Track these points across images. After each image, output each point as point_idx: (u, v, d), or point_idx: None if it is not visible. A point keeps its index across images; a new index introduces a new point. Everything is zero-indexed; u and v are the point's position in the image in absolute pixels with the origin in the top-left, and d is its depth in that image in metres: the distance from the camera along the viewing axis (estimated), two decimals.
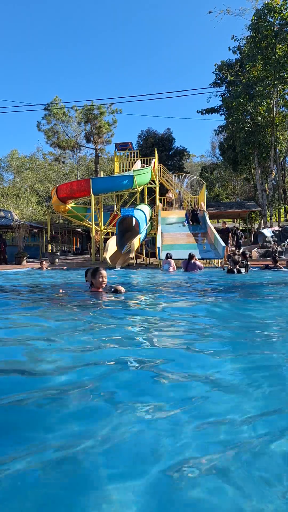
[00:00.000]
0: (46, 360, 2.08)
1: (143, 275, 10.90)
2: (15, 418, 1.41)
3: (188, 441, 1.20)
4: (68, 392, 1.60)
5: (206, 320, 3.55)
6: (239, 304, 4.72)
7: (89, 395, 1.59)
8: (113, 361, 2.06)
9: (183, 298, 5.28)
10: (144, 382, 1.76)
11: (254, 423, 1.33)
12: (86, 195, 17.59)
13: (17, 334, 2.85)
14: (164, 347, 2.48)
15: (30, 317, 3.66)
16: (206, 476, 1.02)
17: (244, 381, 1.76)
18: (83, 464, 1.08)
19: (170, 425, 1.31)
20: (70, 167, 44.36)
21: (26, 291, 6.48)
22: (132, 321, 3.45)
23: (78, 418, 1.38)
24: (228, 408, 1.47)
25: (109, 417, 1.37)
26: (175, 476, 1.03)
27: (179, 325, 3.24)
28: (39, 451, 1.15)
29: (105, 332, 2.92)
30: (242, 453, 1.14)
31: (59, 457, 1.11)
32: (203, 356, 2.21)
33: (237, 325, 3.29)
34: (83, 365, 2.01)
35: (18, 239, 19.39)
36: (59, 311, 3.98)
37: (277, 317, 3.72)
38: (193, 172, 47.72)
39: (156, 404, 1.50)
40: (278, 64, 23.10)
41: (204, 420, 1.36)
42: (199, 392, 1.62)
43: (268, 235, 19.26)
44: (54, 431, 1.27)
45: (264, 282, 7.73)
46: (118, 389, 1.66)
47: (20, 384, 1.77)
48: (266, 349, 2.38)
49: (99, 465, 1.08)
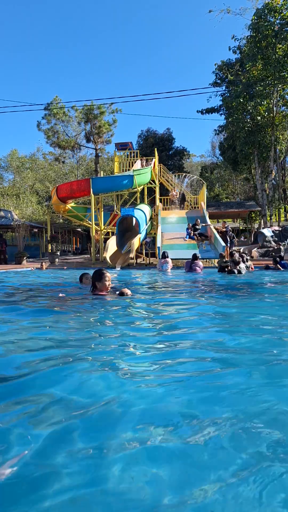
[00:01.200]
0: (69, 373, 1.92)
1: (145, 275, 10.86)
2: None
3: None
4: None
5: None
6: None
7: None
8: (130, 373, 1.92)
9: (197, 301, 5.07)
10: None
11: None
12: (86, 195, 17.59)
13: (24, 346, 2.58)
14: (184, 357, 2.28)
15: (38, 326, 3.32)
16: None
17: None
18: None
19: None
20: (70, 167, 44.34)
21: (26, 295, 6.42)
22: (145, 327, 3.31)
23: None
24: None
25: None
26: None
27: (202, 334, 2.97)
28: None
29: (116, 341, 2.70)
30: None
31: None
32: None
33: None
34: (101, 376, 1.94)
35: (18, 239, 19.39)
36: (66, 319, 3.58)
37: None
38: (193, 172, 47.69)
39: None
40: (278, 64, 23.09)
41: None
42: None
43: (268, 235, 19.25)
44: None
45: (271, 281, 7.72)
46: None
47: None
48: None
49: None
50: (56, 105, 31.77)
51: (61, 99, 32.99)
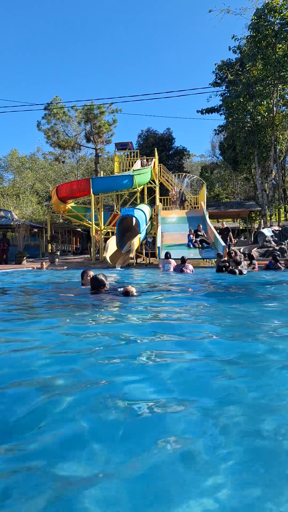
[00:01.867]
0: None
1: (147, 275, 10.79)
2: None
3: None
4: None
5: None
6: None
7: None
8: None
9: (204, 302, 4.93)
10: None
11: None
12: (86, 195, 17.58)
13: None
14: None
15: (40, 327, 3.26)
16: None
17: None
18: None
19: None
20: (70, 167, 44.32)
21: (30, 293, 6.41)
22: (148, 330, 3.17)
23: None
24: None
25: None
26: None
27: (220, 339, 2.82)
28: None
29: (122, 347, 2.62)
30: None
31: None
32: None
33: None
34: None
35: (18, 239, 19.38)
36: (67, 318, 3.53)
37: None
38: (193, 171, 47.68)
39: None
40: (278, 64, 23.08)
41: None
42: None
43: (268, 235, 19.24)
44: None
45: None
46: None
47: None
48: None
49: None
50: (56, 105, 31.75)
51: (61, 99, 32.97)
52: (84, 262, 18.39)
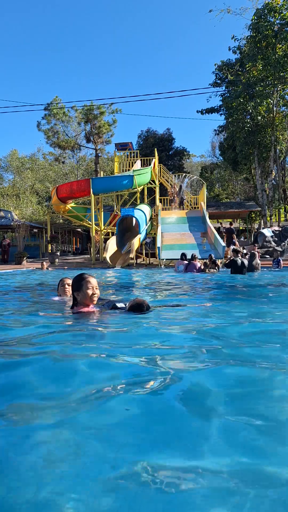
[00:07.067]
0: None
1: (166, 277, 9.85)
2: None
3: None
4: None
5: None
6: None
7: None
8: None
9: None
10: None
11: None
12: (86, 195, 17.60)
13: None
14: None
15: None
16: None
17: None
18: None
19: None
20: (70, 167, 44.34)
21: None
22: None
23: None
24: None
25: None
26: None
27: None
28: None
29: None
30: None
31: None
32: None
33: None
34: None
35: (18, 239, 19.40)
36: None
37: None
38: (193, 172, 47.69)
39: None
40: (278, 64, 23.09)
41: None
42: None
43: (268, 235, 19.27)
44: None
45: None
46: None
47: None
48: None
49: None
50: (56, 105, 31.77)
51: (61, 99, 32.98)
52: (84, 263, 18.41)
